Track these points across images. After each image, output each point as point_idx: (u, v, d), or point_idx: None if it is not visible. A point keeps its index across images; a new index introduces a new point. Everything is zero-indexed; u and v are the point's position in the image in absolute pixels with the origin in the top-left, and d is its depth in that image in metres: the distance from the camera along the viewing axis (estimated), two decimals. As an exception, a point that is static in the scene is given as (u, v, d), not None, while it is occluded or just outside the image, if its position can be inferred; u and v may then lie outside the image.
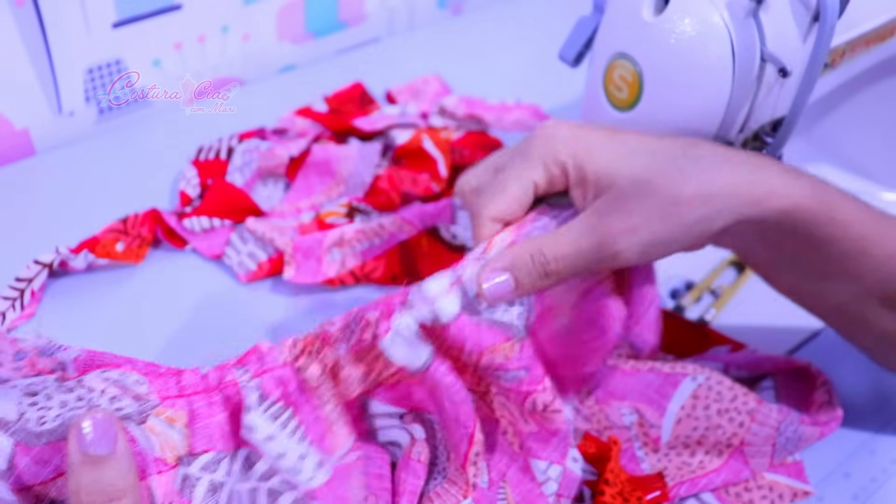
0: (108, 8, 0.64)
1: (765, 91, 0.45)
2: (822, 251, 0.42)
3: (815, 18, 0.44)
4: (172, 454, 0.34)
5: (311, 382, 0.38)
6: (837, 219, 0.40)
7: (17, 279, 0.53)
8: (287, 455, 0.36)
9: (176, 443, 0.34)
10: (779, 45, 0.44)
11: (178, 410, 0.35)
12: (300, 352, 0.38)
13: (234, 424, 0.36)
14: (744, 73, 0.44)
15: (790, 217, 0.40)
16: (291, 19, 0.76)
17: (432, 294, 0.39)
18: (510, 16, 0.85)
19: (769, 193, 0.39)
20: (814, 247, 0.42)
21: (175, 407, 0.35)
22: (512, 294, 0.40)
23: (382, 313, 0.39)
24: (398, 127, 0.67)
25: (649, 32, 0.44)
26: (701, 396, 0.46)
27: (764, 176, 0.40)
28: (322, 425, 0.39)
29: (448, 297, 0.39)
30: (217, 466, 0.35)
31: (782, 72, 0.44)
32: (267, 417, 0.36)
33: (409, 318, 0.39)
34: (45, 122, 0.66)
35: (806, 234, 0.41)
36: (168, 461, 0.34)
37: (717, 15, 0.43)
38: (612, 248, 0.40)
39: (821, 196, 0.40)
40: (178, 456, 0.34)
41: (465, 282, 0.40)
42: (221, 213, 0.58)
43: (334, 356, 0.39)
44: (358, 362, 0.39)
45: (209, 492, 0.35)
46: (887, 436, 0.50)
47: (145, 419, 0.34)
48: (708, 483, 0.45)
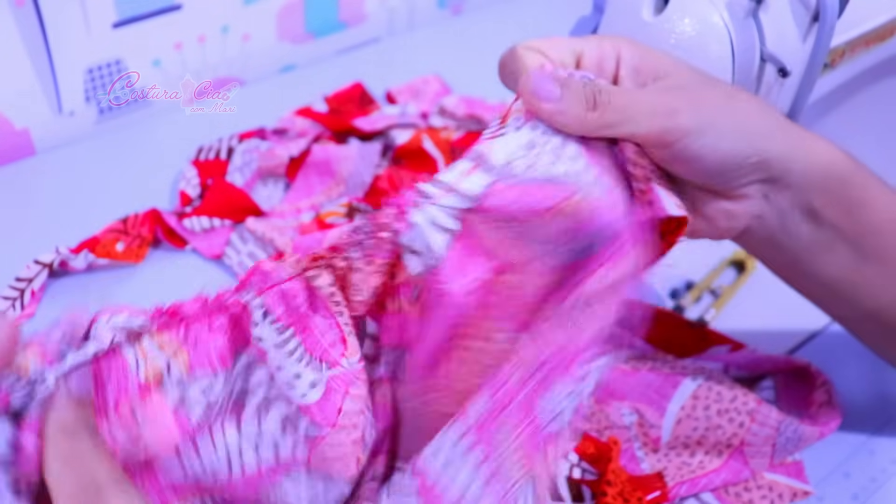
0: (109, 8, 0.64)
1: (764, 91, 0.45)
2: (856, 222, 0.41)
3: (814, 18, 0.44)
4: (155, 377, 0.34)
5: (323, 291, 0.36)
6: (870, 183, 0.41)
7: (18, 279, 0.53)
8: (284, 369, 0.36)
9: (159, 365, 0.34)
10: (778, 45, 0.44)
11: (172, 338, 0.35)
12: (309, 263, 0.37)
13: (234, 343, 0.36)
14: (743, 73, 0.44)
15: (831, 171, 0.40)
16: (291, 19, 0.76)
17: (451, 181, 0.35)
18: (510, 16, 0.85)
19: (815, 142, 0.40)
20: (849, 211, 0.41)
21: (171, 333, 0.35)
22: (556, 108, 0.36)
23: (398, 211, 0.36)
24: (398, 127, 0.67)
25: (649, 32, 0.44)
26: (701, 397, 0.46)
27: (806, 132, 0.41)
28: (333, 332, 0.37)
29: (469, 177, 0.35)
30: (213, 388, 0.35)
31: (782, 72, 0.44)
32: (273, 330, 0.36)
33: (431, 210, 0.35)
34: (45, 122, 0.66)
35: (841, 194, 0.41)
36: (150, 384, 0.34)
37: (717, 15, 0.43)
38: (674, 119, 0.37)
39: (856, 161, 0.41)
40: (159, 379, 0.34)
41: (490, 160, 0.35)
42: (221, 213, 0.58)
43: (346, 263, 0.36)
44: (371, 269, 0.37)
45: (207, 410, 0.35)
46: (887, 436, 0.50)
47: (140, 339, 0.35)
48: (708, 483, 0.45)
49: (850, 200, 0.41)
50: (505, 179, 0.35)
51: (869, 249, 0.42)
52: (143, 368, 0.34)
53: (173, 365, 0.35)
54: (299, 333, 0.37)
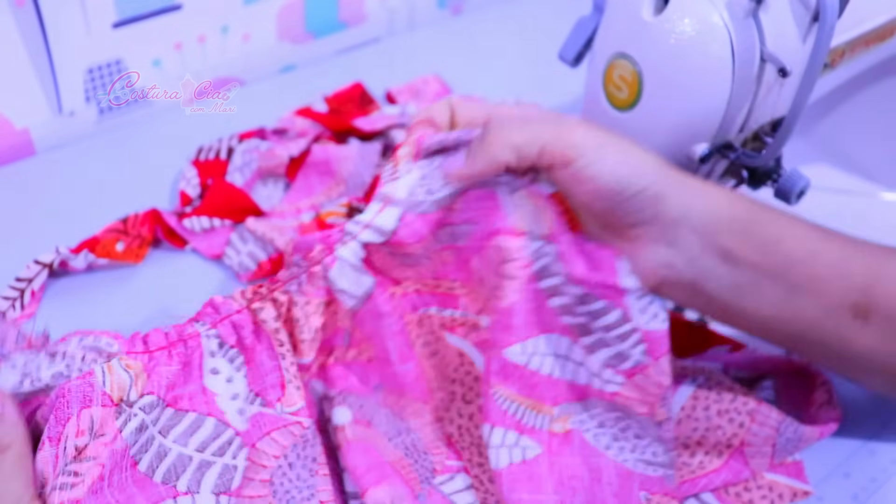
0: (109, 8, 0.64)
1: (764, 91, 0.45)
2: (776, 256, 0.41)
3: (814, 18, 0.44)
4: (118, 394, 0.38)
5: (268, 325, 0.42)
6: (778, 218, 0.42)
7: (18, 279, 0.53)
8: (239, 397, 0.41)
9: (124, 385, 0.38)
10: (778, 45, 0.44)
11: (137, 361, 0.39)
12: (253, 295, 0.42)
13: (182, 377, 0.40)
14: (743, 73, 0.44)
15: (735, 213, 0.41)
16: (291, 19, 0.76)
17: (367, 219, 0.43)
18: (510, 16, 0.85)
19: (711, 187, 0.42)
20: (765, 249, 0.41)
21: (136, 358, 0.40)
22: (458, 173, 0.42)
23: (325, 247, 0.43)
24: (398, 127, 0.67)
25: (649, 32, 0.44)
26: (701, 397, 0.46)
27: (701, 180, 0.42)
28: (274, 374, 0.41)
29: (382, 213, 0.43)
30: (152, 410, 0.39)
31: (782, 72, 0.44)
32: (227, 361, 0.41)
33: (353, 245, 0.43)
34: (45, 122, 0.66)
35: (752, 233, 0.41)
36: (113, 398, 0.38)
37: (717, 15, 0.43)
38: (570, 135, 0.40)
39: (759, 202, 0.42)
40: (121, 397, 0.38)
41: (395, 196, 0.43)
42: (221, 213, 0.58)
43: (286, 296, 0.42)
44: (311, 308, 0.43)
45: (137, 430, 0.38)
46: (887, 436, 0.50)
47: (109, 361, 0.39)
48: (708, 483, 0.45)
49: (764, 238, 0.41)
50: (412, 209, 0.43)
51: (797, 281, 0.42)
52: (108, 381, 0.38)
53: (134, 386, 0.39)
54: (247, 363, 0.41)
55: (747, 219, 0.41)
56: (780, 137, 0.45)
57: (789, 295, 0.42)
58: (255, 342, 0.42)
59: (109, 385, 0.38)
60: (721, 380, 0.47)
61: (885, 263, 0.42)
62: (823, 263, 0.41)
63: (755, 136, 0.48)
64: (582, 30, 0.51)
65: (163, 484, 0.38)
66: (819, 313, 0.42)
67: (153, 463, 0.39)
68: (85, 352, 0.39)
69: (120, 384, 0.38)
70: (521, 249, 0.42)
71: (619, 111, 0.47)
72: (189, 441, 0.40)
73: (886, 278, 0.42)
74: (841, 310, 0.41)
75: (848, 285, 0.41)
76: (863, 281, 0.41)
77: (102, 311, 0.53)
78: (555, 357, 0.44)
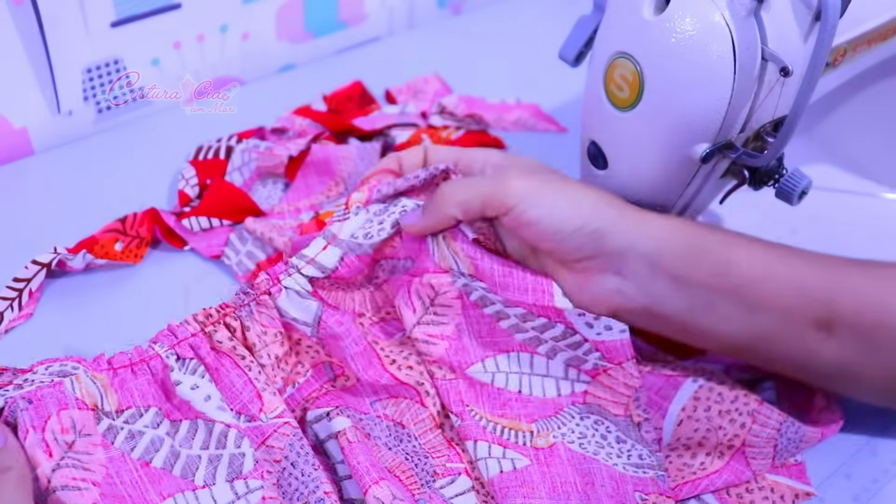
0: (107, 7, 0.64)
1: (766, 90, 0.45)
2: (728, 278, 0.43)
3: (816, 17, 0.44)
4: (91, 400, 0.41)
5: (223, 346, 0.44)
6: (729, 241, 0.44)
7: (16, 279, 0.53)
8: (212, 398, 0.43)
9: (94, 393, 0.41)
10: (780, 45, 0.44)
11: (101, 374, 0.42)
12: (206, 319, 0.45)
13: (153, 387, 0.43)
14: (745, 73, 0.43)
15: (683, 239, 0.43)
16: (291, 19, 0.76)
17: (311, 254, 0.47)
18: (510, 16, 0.85)
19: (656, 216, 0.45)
20: (717, 272, 0.43)
21: (101, 372, 0.42)
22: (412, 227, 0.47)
23: (271, 278, 0.46)
24: (398, 126, 0.67)
25: (650, 32, 0.44)
26: (702, 398, 0.46)
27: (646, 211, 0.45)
28: (247, 390, 0.44)
29: (325, 252, 0.47)
30: (136, 419, 0.41)
31: (784, 71, 0.43)
32: (188, 372, 0.43)
33: (298, 277, 0.47)
34: (43, 122, 0.66)
35: (702, 258, 0.43)
36: (87, 404, 0.40)
37: (719, 14, 0.43)
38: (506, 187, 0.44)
39: (706, 225, 0.45)
40: (95, 403, 0.41)
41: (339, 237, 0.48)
42: (220, 212, 0.58)
43: (237, 322, 0.45)
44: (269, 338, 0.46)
45: (128, 438, 0.41)
46: (888, 437, 0.50)
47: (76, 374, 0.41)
48: (709, 484, 0.45)
49: (713, 261, 0.43)
50: (352, 251, 0.47)
51: (754, 299, 0.43)
52: (78, 388, 0.40)
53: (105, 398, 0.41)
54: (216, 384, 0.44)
55: (694, 245, 0.43)
56: (781, 137, 0.45)
57: (748, 313, 0.43)
58: (218, 363, 0.44)
59: (80, 392, 0.40)
60: (722, 381, 0.47)
61: (846, 277, 0.44)
62: (779, 281, 0.43)
63: (757, 135, 0.47)
64: (582, 29, 0.51)
65: (182, 478, 0.41)
66: (781, 328, 0.43)
67: (169, 459, 0.41)
68: (52, 377, 0.41)
69: (89, 392, 0.41)
70: (449, 284, 0.46)
71: (619, 111, 0.47)
72: (192, 443, 0.42)
73: (847, 291, 0.43)
74: (803, 324, 0.43)
75: (808, 301, 0.43)
76: (824, 295, 0.43)
77: (101, 311, 0.53)
78: (519, 375, 0.46)
